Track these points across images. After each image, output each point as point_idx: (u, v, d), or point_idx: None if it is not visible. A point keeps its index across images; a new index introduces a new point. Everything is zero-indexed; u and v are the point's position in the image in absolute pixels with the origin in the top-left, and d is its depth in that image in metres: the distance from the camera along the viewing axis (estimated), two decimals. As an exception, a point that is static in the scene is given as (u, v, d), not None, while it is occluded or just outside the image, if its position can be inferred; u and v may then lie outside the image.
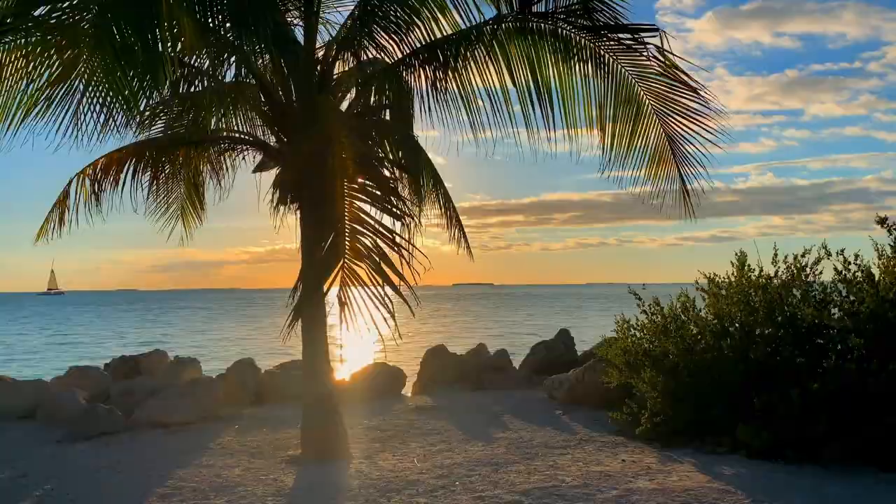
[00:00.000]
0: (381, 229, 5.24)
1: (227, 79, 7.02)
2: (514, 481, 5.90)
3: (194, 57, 6.49)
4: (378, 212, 5.41)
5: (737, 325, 7.56)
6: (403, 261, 5.18)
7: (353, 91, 7.29)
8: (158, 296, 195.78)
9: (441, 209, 8.41)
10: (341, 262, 5.06)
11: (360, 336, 5.01)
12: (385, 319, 4.92)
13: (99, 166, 8.11)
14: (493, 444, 7.29)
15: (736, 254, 8.09)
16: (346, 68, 7.19)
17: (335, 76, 7.08)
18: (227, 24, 5.39)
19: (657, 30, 6.13)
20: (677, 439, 7.03)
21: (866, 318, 6.52)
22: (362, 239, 5.18)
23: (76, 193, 8.24)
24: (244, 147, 7.39)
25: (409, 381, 11.66)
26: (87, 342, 36.01)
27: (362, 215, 5.29)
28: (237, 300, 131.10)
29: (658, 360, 7.62)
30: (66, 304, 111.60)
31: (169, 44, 4.76)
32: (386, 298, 4.98)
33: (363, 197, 5.42)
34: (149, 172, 7.89)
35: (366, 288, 4.98)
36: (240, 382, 9.92)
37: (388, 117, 7.78)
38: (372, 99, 7.26)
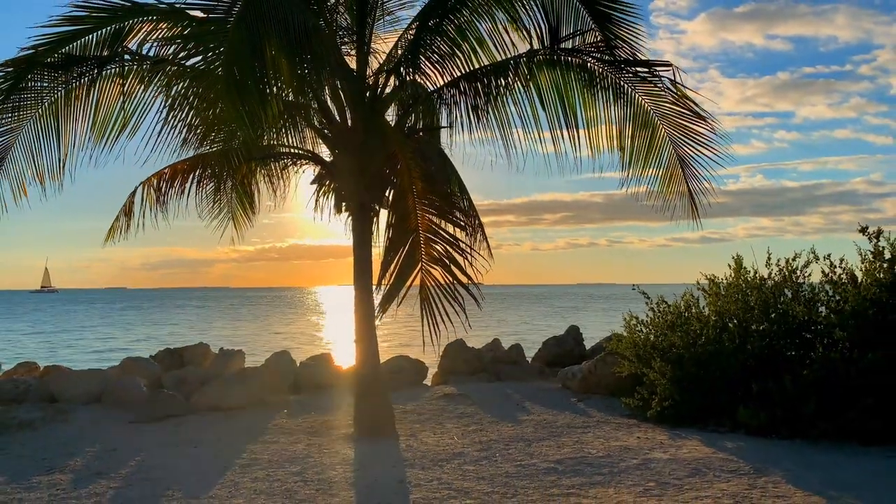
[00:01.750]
0: (449, 238, 6.21)
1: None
2: (547, 453, 6.87)
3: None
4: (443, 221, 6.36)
5: (735, 321, 8.55)
6: (467, 263, 6.14)
7: (395, 110, 8.24)
8: (151, 294, 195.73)
9: (466, 215, 9.35)
10: (419, 265, 6.02)
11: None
12: (457, 312, 5.88)
13: (163, 176, 9.04)
14: (521, 425, 8.25)
15: (733, 257, 9.10)
16: (389, 91, 8.11)
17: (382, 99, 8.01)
18: (308, 59, 6.28)
19: (670, 65, 7.11)
20: (684, 421, 7.99)
21: (849, 314, 7.51)
22: (435, 246, 6.14)
23: (142, 199, 9.18)
24: (303, 162, 8.31)
25: (429, 373, 12.60)
26: (102, 339, 36.78)
27: (433, 226, 6.26)
28: (230, 298, 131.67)
29: (665, 352, 8.59)
30: (64, 301, 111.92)
31: (273, 82, 5.69)
32: (457, 294, 5.94)
33: (432, 210, 6.38)
34: (212, 182, 8.81)
35: (441, 287, 5.94)
36: (280, 372, 10.82)
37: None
38: (413, 119, 8.22)
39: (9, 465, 6.92)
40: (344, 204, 7.80)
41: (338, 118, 7.81)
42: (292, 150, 8.14)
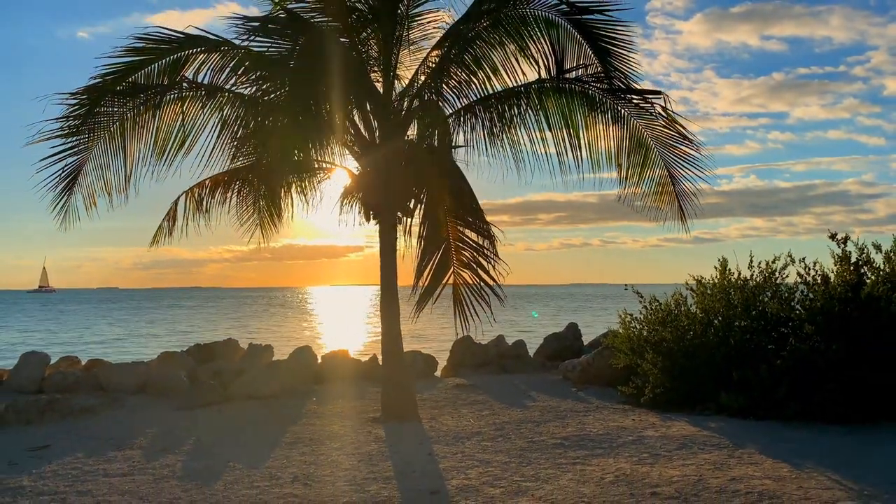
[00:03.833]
0: (475, 245, 7.23)
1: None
2: (554, 432, 7.89)
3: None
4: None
5: (720, 318, 9.58)
6: (491, 266, 7.17)
7: (416, 129, 9.22)
8: (145, 294, 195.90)
9: (483, 222, 10.32)
10: (451, 269, 7.03)
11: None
12: (483, 309, 6.91)
13: (205, 186, 10.00)
14: (529, 410, 9.26)
15: (719, 259, 10.12)
16: (413, 113, 9.08)
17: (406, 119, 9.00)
18: (348, 87, 7.28)
19: (661, 93, 8.14)
20: (673, 406, 9.01)
21: (818, 311, 8.56)
22: (464, 252, 7.15)
23: (185, 208, 10.13)
24: (336, 175, 9.29)
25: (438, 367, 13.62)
26: (113, 337, 37.64)
27: (461, 235, 7.28)
28: (223, 299, 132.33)
29: (657, 345, 9.61)
30: (65, 301, 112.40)
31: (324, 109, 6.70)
32: (483, 293, 6.96)
33: (459, 222, 7.40)
34: (250, 192, 9.78)
35: (470, 287, 6.96)
36: (305, 366, 11.81)
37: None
38: (434, 137, 9.20)
39: (82, 443, 7.88)
40: (371, 213, 8.78)
41: (367, 137, 8.80)
42: (326, 165, 9.13)
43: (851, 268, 8.96)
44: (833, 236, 9.23)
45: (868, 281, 8.78)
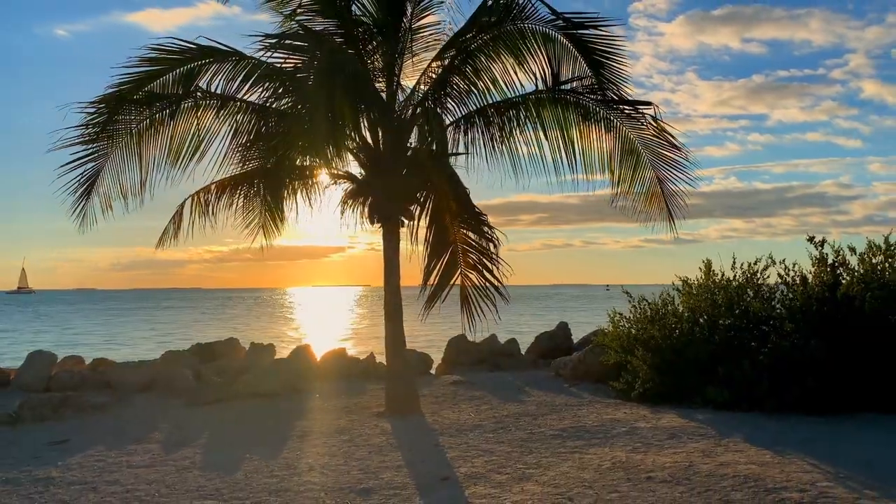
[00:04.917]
0: (480, 248, 7.69)
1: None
2: (552, 424, 8.34)
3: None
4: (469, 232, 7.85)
5: (705, 316, 10.08)
6: (495, 267, 7.63)
7: (417, 136, 9.63)
8: (126, 295, 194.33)
9: (488, 227, 10.69)
10: (459, 271, 7.47)
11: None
12: (489, 308, 7.36)
13: (212, 190, 10.33)
14: (525, 404, 9.71)
15: (703, 261, 10.64)
16: (415, 121, 9.48)
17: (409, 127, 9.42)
18: (357, 98, 7.70)
19: (651, 104, 8.62)
20: (662, 400, 9.48)
21: (797, 310, 9.08)
22: (470, 255, 7.60)
23: (191, 210, 10.45)
24: (341, 180, 9.67)
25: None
26: (108, 337, 37.64)
27: (468, 239, 7.73)
28: (206, 300, 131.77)
29: (646, 342, 10.09)
30: (45, 303, 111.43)
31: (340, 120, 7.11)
32: (488, 293, 7.41)
33: (465, 226, 7.84)
34: (256, 196, 10.13)
35: (477, 288, 7.41)
36: (305, 364, 12.19)
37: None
38: (435, 145, 9.63)
39: (100, 438, 8.22)
40: (375, 217, 9.18)
41: (371, 143, 9.20)
42: (333, 171, 9.52)
43: (828, 269, 9.49)
44: (811, 239, 9.76)
45: (844, 281, 9.31)
